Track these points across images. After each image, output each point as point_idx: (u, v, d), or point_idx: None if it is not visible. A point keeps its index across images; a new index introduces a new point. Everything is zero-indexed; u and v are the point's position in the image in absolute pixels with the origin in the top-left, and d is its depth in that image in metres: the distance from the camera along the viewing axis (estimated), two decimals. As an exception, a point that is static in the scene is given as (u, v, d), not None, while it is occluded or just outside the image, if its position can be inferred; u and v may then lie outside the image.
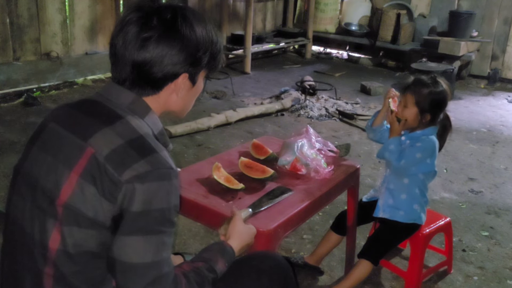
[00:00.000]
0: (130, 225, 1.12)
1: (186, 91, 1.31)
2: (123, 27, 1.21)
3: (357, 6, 7.49)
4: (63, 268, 1.15)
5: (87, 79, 5.37)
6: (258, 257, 1.52)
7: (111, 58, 1.25)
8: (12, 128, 4.04)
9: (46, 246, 1.15)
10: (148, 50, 1.19)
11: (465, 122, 5.06)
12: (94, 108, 1.24)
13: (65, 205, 1.13)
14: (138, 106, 1.25)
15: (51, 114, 1.30)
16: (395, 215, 2.21)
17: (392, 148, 2.14)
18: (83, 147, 1.15)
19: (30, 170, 1.23)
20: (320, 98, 5.33)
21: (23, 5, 4.69)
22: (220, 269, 1.35)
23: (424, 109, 2.12)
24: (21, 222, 1.21)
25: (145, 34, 1.19)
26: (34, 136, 1.28)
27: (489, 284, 2.51)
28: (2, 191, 3.05)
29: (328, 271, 2.50)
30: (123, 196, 1.10)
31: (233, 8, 6.99)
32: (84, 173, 1.12)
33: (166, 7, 1.24)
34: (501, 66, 6.64)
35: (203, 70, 1.32)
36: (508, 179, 3.77)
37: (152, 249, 1.14)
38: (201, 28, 1.25)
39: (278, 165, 2.07)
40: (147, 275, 1.13)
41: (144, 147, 1.16)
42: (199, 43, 1.25)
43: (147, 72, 1.22)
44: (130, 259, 1.13)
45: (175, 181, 1.17)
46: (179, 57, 1.22)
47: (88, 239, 1.13)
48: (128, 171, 1.11)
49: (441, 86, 2.14)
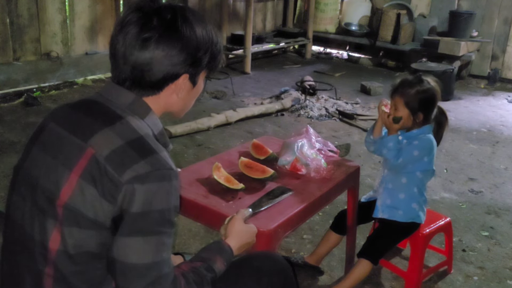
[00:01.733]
0: (130, 226, 1.12)
1: (186, 91, 1.31)
2: (123, 28, 1.21)
3: (357, 6, 7.49)
4: (63, 268, 1.15)
5: (87, 79, 5.37)
6: (258, 257, 1.52)
7: (111, 59, 1.25)
8: (12, 128, 4.04)
9: (46, 247, 1.15)
10: (148, 50, 1.19)
11: (465, 122, 5.06)
12: (94, 109, 1.24)
13: (65, 205, 1.13)
14: (138, 106, 1.24)
15: (51, 114, 1.30)
16: (394, 215, 2.22)
17: (390, 145, 2.15)
18: (83, 148, 1.15)
19: (29, 170, 1.23)
20: (320, 98, 5.33)
21: (23, 5, 4.69)
22: (218, 268, 1.34)
23: (414, 109, 2.13)
24: (21, 222, 1.21)
25: (145, 34, 1.19)
26: (34, 136, 1.28)
27: (489, 284, 2.51)
28: (2, 191, 3.05)
29: (328, 271, 2.50)
30: (123, 196, 1.10)
31: (233, 8, 6.99)
32: (84, 174, 1.12)
33: (166, 7, 1.23)
34: (501, 66, 6.64)
35: (204, 70, 1.32)
36: (508, 179, 3.77)
37: (152, 249, 1.14)
38: (201, 28, 1.25)
39: (278, 165, 2.07)
40: (147, 275, 1.13)
41: (144, 148, 1.16)
42: (199, 44, 1.24)
43: (147, 72, 1.21)
44: (130, 259, 1.12)
45: (175, 181, 1.17)
46: (179, 57, 1.22)
47: (88, 239, 1.13)
48: (128, 172, 1.11)
49: (428, 84, 2.15)
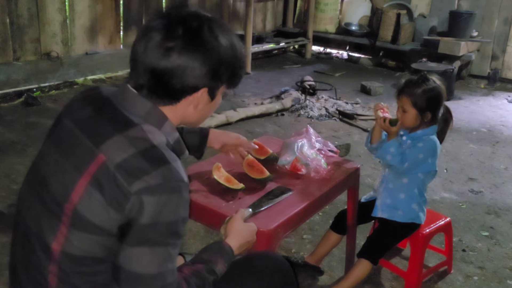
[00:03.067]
0: (138, 236, 1.11)
1: (203, 105, 1.28)
2: (147, 33, 1.18)
3: (357, 6, 7.48)
4: (67, 268, 1.15)
5: (87, 79, 5.37)
6: (258, 257, 1.52)
7: (131, 63, 1.23)
8: (12, 128, 4.04)
9: (49, 247, 1.15)
10: (170, 60, 1.16)
11: (465, 122, 5.06)
12: (109, 111, 1.21)
13: (73, 210, 1.13)
14: (155, 115, 1.22)
15: (67, 108, 1.29)
16: (394, 215, 2.21)
17: (393, 151, 2.12)
18: (94, 153, 1.13)
19: (39, 165, 1.23)
20: (320, 98, 5.33)
21: (23, 5, 4.68)
22: (219, 269, 1.35)
23: (422, 108, 2.12)
24: (26, 215, 1.22)
25: (169, 43, 1.16)
26: (51, 129, 1.28)
27: (489, 284, 2.51)
28: (2, 191, 3.05)
29: (328, 271, 2.50)
30: (131, 206, 1.10)
31: (233, 8, 6.98)
32: (93, 180, 1.11)
33: (193, 16, 1.20)
34: (501, 66, 6.63)
35: (223, 85, 1.29)
36: (508, 179, 3.77)
37: (158, 260, 1.13)
38: (226, 42, 1.22)
39: (278, 165, 2.07)
40: (151, 285, 1.14)
41: (156, 158, 1.13)
42: (223, 58, 1.21)
43: (166, 82, 1.18)
44: (136, 269, 1.13)
45: (185, 193, 1.16)
46: (201, 70, 1.19)
47: (93, 244, 1.13)
48: (138, 182, 1.09)
49: (434, 82, 2.15)
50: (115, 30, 5.60)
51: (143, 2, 5.77)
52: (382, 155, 2.17)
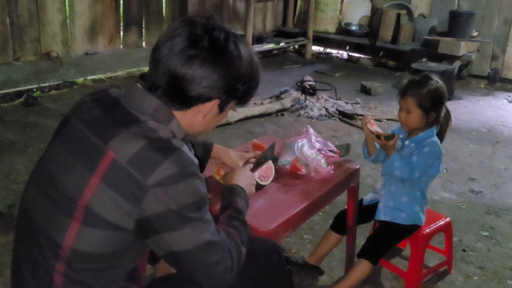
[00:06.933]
0: (172, 222, 1.15)
1: (212, 116, 1.32)
2: (173, 38, 1.21)
3: (357, 6, 7.48)
4: (76, 266, 1.16)
5: (87, 79, 5.37)
6: (251, 241, 1.53)
7: (152, 62, 1.25)
8: (12, 128, 4.04)
9: (58, 244, 1.16)
10: (191, 67, 1.20)
11: (465, 122, 5.06)
12: (117, 111, 1.24)
13: (86, 207, 1.14)
14: (162, 113, 1.25)
15: (74, 108, 1.31)
16: (397, 217, 2.21)
17: (398, 165, 2.09)
18: (103, 150, 1.15)
19: (47, 164, 1.24)
20: (320, 98, 5.32)
21: (23, 5, 4.69)
22: (241, 206, 1.49)
23: (427, 108, 2.11)
24: (32, 213, 1.23)
25: (193, 51, 1.20)
26: (57, 129, 1.30)
27: (489, 284, 2.51)
28: (2, 191, 3.05)
29: (328, 271, 2.50)
30: (151, 199, 1.12)
31: (233, 8, 6.99)
32: (105, 177, 1.13)
33: (221, 29, 1.24)
34: (501, 66, 6.63)
35: (235, 100, 1.33)
36: (508, 179, 3.77)
37: (199, 232, 1.19)
38: (248, 61, 1.27)
39: (278, 165, 2.07)
40: (212, 250, 1.21)
41: (165, 147, 1.16)
42: (241, 75, 1.26)
43: (182, 87, 1.22)
44: (183, 247, 1.18)
45: (199, 173, 1.21)
46: (218, 83, 1.23)
47: (104, 240, 1.15)
48: (153, 175, 1.12)
49: (436, 82, 2.14)
50: (115, 30, 5.60)
51: (143, 2, 5.77)
52: (388, 172, 2.15)
